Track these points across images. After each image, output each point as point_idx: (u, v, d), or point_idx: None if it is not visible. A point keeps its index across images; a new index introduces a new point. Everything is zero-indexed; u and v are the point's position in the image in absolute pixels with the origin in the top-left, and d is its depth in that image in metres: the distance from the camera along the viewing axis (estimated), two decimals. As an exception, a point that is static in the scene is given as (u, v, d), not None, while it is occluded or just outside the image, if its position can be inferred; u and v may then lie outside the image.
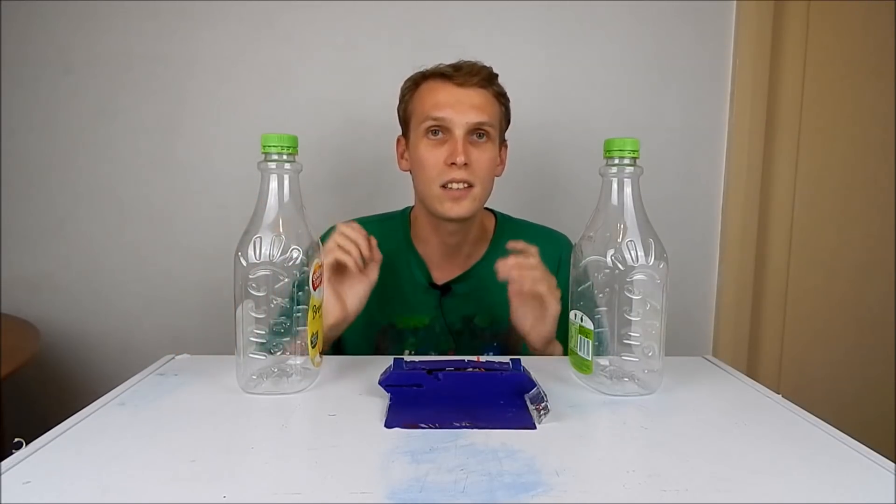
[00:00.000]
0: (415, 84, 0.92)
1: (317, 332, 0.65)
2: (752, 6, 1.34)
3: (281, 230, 0.62)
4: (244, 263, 0.61)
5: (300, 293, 0.63)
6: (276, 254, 0.62)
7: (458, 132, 0.86)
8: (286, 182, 0.64)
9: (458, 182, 0.86)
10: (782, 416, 0.59)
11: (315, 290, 0.64)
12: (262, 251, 0.61)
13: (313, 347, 0.65)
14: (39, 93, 1.31)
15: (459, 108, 0.86)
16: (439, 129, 0.87)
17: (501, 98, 0.92)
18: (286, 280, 0.62)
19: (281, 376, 0.64)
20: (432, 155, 0.87)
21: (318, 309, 0.65)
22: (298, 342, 0.64)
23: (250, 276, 0.61)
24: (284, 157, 0.63)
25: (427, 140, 0.88)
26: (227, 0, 1.29)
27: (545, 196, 1.36)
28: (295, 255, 0.62)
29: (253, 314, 0.62)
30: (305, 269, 0.63)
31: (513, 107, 0.96)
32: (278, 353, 0.64)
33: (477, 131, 0.87)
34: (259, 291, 0.62)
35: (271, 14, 1.30)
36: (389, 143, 1.00)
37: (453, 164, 0.85)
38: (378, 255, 0.81)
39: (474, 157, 0.87)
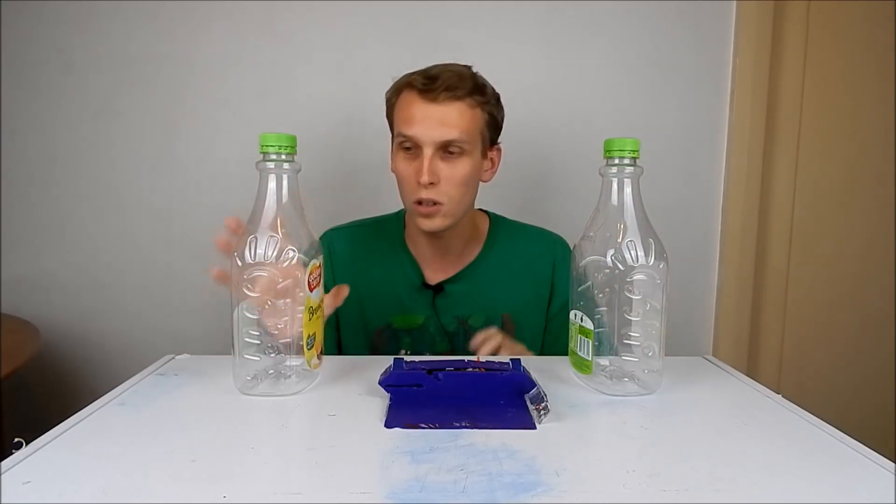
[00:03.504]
0: (396, 92, 0.90)
1: (313, 334, 0.65)
2: (752, 6, 1.34)
3: (279, 231, 0.62)
4: (239, 264, 0.61)
5: (300, 294, 0.62)
6: (272, 254, 0.61)
7: (427, 151, 0.84)
8: (284, 182, 0.63)
9: (425, 201, 0.85)
10: (782, 416, 0.59)
11: (312, 291, 0.64)
12: (258, 252, 0.61)
13: (310, 349, 0.64)
14: (39, 93, 1.31)
15: (428, 124, 0.84)
16: (410, 145, 0.86)
17: (483, 106, 0.88)
18: (282, 281, 0.62)
19: (278, 378, 0.64)
20: (405, 169, 0.87)
21: (314, 310, 0.65)
22: (295, 344, 0.63)
23: (245, 277, 0.61)
24: (283, 156, 0.62)
25: (402, 153, 0.88)
26: (227, 0, 1.30)
27: (545, 196, 1.36)
28: (291, 255, 0.62)
29: (248, 315, 0.62)
30: (303, 268, 0.63)
31: (513, 107, 0.95)
32: (272, 355, 0.63)
33: (448, 147, 0.85)
34: (254, 292, 0.61)
35: (271, 14, 1.30)
36: (388, 144, 1.00)
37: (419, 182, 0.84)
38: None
39: (444, 174, 0.85)
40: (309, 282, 0.63)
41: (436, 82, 0.84)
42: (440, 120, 0.84)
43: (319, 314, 0.67)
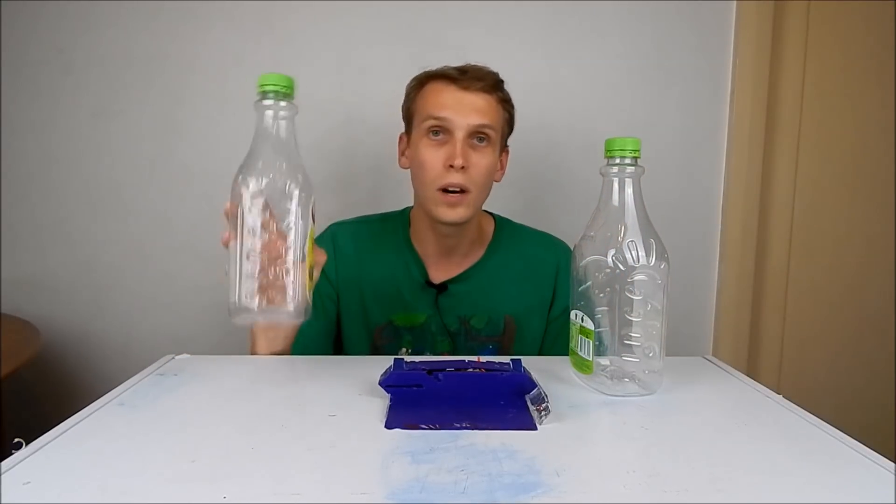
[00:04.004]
0: (420, 83, 0.92)
1: (312, 267, 0.64)
2: (752, 6, 1.34)
3: (282, 164, 0.62)
4: (247, 188, 0.60)
5: (300, 222, 0.62)
6: (280, 181, 0.61)
7: (459, 134, 0.86)
8: (282, 124, 0.64)
9: (454, 186, 0.86)
10: (782, 416, 0.59)
11: (314, 223, 0.64)
12: (264, 179, 0.61)
13: (311, 280, 0.63)
14: (39, 93, 1.31)
15: (461, 109, 0.86)
16: (440, 130, 0.87)
17: (505, 104, 0.91)
18: (288, 206, 0.61)
19: (275, 305, 0.61)
20: (432, 156, 0.87)
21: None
22: (292, 269, 0.61)
23: (252, 202, 0.60)
24: (281, 100, 0.64)
25: (427, 140, 0.88)
26: (227, 0, 1.30)
27: (546, 196, 1.36)
28: (296, 181, 0.62)
29: (251, 238, 0.60)
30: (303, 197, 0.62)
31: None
32: (272, 275, 0.60)
33: (478, 135, 0.87)
34: (259, 217, 0.60)
35: (271, 14, 1.30)
36: (389, 143, 1.00)
37: (451, 166, 0.85)
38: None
39: (473, 160, 0.86)
40: (312, 214, 0.64)
41: (467, 73, 0.88)
42: (472, 106, 0.87)
43: (311, 249, 0.65)
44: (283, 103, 0.64)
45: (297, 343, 0.83)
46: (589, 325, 0.64)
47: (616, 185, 0.65)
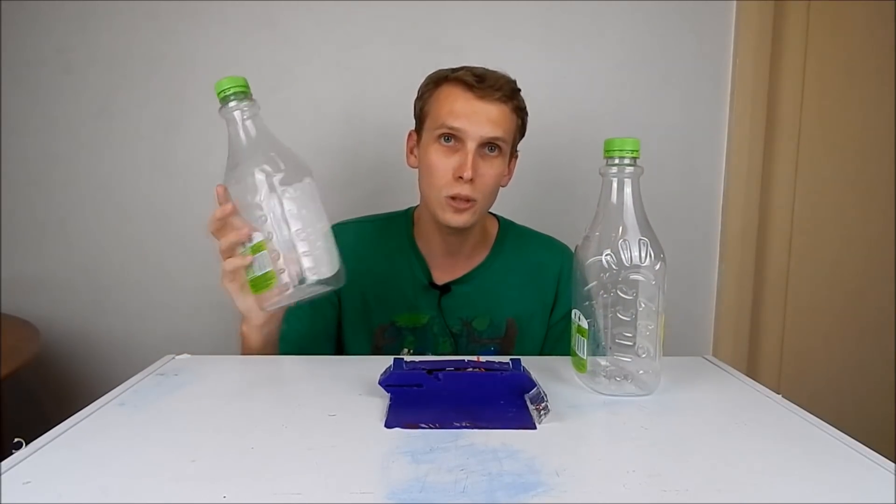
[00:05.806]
0: (435, 84, 0.90)
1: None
2: (752, 6, 1.34)
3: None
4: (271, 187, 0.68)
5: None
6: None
7: (471, 145, 0.85)
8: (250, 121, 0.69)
9: (462, 197, 0.85)
10: (782, 416, 0.59)
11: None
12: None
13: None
14: (39, 93, 1.31)
15: (475, 119, 0.85)
16: (451, 137, 0.86)
17: (519, 112, 0.90)
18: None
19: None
20: (441, 162, 0.86)
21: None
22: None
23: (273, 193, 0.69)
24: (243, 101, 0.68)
25: (438, 145, 0.87)
26: (227, 0, 1.30)
27: (546, 196, 1.36)
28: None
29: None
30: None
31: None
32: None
33: (489, 145, 0.86)
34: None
35: (271, 14, 1.30)
36: (390, 143, 1.00)
37: (460, 177, 0.84)
38: None
39: (482, 171, 0.86)
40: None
41: (485, 81, 0.86)
42: (486, 117, 0.85)
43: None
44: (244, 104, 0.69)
45: (294, 346, 0.83)
46: (584, 323, 0.64)
47: (615, 185, 0.64)
